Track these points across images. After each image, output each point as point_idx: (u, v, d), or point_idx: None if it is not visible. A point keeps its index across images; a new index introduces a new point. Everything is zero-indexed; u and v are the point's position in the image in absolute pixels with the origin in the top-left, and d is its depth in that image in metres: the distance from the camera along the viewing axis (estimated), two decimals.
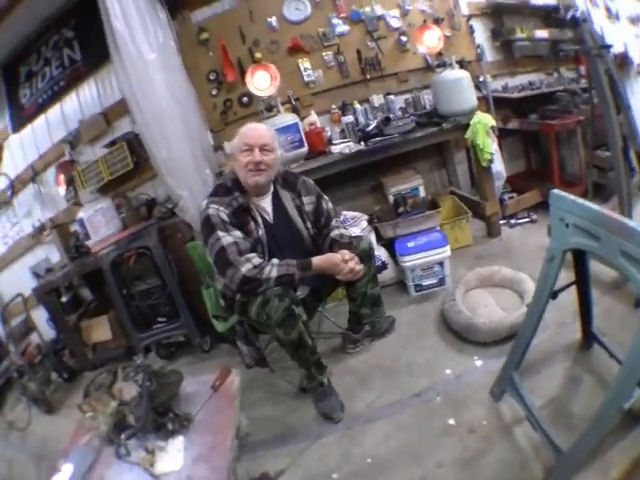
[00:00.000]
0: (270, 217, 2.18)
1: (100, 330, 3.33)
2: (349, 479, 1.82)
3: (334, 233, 2.22)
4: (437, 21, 3.72)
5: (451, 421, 1.96)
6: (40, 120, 3.81)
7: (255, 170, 2.06)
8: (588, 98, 3.06)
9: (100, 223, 3.25)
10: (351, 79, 3.74)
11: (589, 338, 2.15)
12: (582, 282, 1.98)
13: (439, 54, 3.52)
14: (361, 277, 2.17)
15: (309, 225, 2.24)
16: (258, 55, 3.48)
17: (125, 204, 3.50)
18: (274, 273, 1.93)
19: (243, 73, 3.42)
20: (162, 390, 1.43)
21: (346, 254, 2.07)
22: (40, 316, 3.47)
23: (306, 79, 3.65)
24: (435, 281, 3.01)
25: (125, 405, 1.46)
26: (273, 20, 3.56)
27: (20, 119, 3.89)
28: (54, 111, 3.78)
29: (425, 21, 3.69)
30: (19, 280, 3.73)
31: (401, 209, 3.30)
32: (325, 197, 2.33)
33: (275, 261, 1.99)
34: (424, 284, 3.01)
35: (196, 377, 1.67)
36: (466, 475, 1.70)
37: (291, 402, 2.31)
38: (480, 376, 2.16)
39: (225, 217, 2.02)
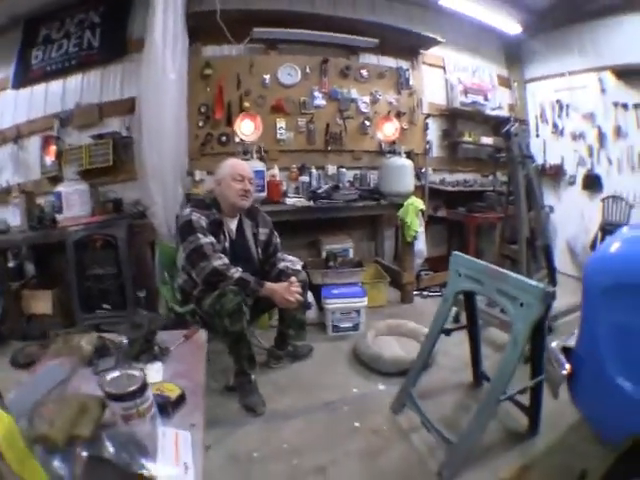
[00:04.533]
0: (233, 235, 2.65)
1: (41, 303, 3.48)
2: (268, 458, 2.11)
3: (282, 265, 2.71)
4: (399, 114, 4.46)
5: (357, 424, 2.35)
6: (41, 87, 3.96)
7: (244, 196, 2.57)
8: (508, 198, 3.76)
9: (75, 202, 3.48)
10: (315, 147, 4.30)
11: (479, 377, 2.71)
12: (472, 325, 2.58)
13: (393, 142, 4.20)
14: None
15: (259, 251, 2.72)
16: (246, 104, 3.91)
17: (94, 195, 3.74)
18: (237, 275, 2.37)
19: (229, 115, 3.95)
20: (152, 322, 1.71)
21: (294, 281, 2.54)
22: None
23: (278, 137, 4.15)
24: (351, 325, 3.49)
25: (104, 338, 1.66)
26: (267, 78, 4.06)
27: (24, 78, 3.97)
28: (57, 84, 3.94)
29: (389, 112, 4.42)
30: None
31: (331, 263, 3.82)
32: (275, 233, 2.84)
33: (239, 268, 2.43)
34: (341, 326, 3.48)
35: (169, 331, 1.88)
36: (370, 464, 2.06)
37: (217, 397, 2.57)
38: (383, 397, 2.60)
39: (204, 224, 2.47)
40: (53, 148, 3.81)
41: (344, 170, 4.39)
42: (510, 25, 4.84)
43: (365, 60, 4.51)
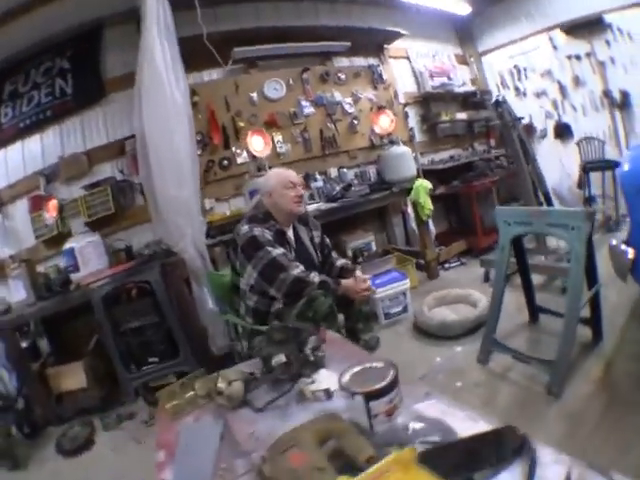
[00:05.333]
0: (293, 243, 2.54)
1: (72, 378, 3.06)
2: None
3: (340, 262, 2.65)
4: (380, 108, 4.58)
5: (458, 384, 2.44)
6: (16, 146, 3.69)
7: (299, 202, 2.48)
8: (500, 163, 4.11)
9: (91, 255, 3.20)
10: (313, 154, 4.37)
11: (535, 312, 2.99)
12: (523, 269, 2.86)
13: (389, 134, 4.37)
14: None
15: (319, 254, 2.65)
16: (241, 124, 3.92)
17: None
18: (317, 279, 2.27)
19: (226, 138, 3.89)
20: (298, 332, 1.57)
21: (364, 276, 2.49)
22: None
23: (278, 150, 4.15)
24: (400, 309, 3.55)
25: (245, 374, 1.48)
26: (254, 95, 4.07)
27: None
28: (34, 140, 3.69)
29: (372, 108, 4.58)
30: None
31: (360, 259, 3.88)
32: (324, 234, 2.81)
33: (315, 272, 2.34)
34: (392, 312, 3.52)
35: None
36: (491, 410, 2.13)
37: None
38: (464, 356, 2.74)
39: (269, 237, 2.35)
40: (53, 203, 3.49)
41: (345, 170, 4.46)
42: (460, 6, 5.18)
43: (339, 64, 4.68)
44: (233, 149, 3.92)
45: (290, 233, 2.55)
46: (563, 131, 5.32)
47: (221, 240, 3.40)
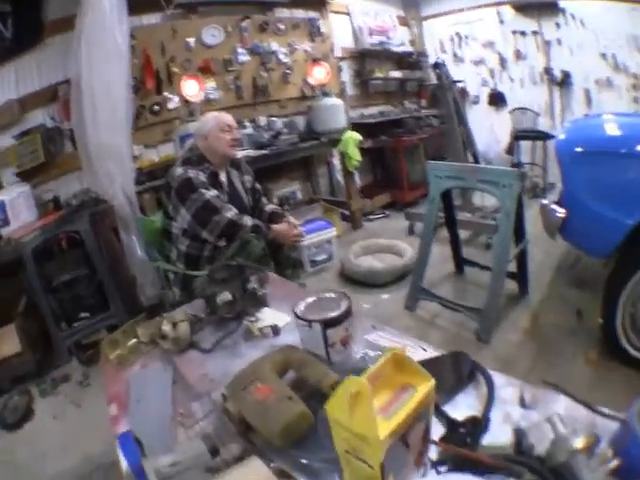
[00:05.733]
0: (226, 186, 2.58)
1: (7, 343, 2.76)
2: None
3: (269, 207, 2.72)
4: (315, 60, 4.59)
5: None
6: None
7: (235, 145, 2.54)
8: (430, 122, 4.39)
9: (22, 207, 3.02)
10: (244, 101, 4.39)
11: (460, 264, 3.23)
12: (451, 221, 3.04)
13: (314, 87, 4.52)
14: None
15: (250, 199, 2.70)
16: (175, 69, 3.84)
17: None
18: (250, 222, 2.34)
19: (159, 83, 3.80)
20: (240, 271, 1.57)
21: (295, 221, 2.60)
22: None
23: (210, 96, 4.12)
24: (326, 256, 3.68)
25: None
26: (192, 41, 3.99)
27: None
28: None
29: (306, 60, 4.62)
30: None
31: (286, 207, 4.00)
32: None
33: (248, 216, 2.41)
34: (318, 259, 3.65)
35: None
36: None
37: None
38: (391, 303, 2.92)
39: (203, 179, 2.37)
40: None
41: (275, 119, 4.50)
42: None
43: (280, 14, 4.64)
44: (165, 94, 3.84)
45: (223, 177, 2.56)
46: (497, 99, 5.63)
47: (150, 186, 3.39)
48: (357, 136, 4.26)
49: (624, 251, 2.03)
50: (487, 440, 0.79)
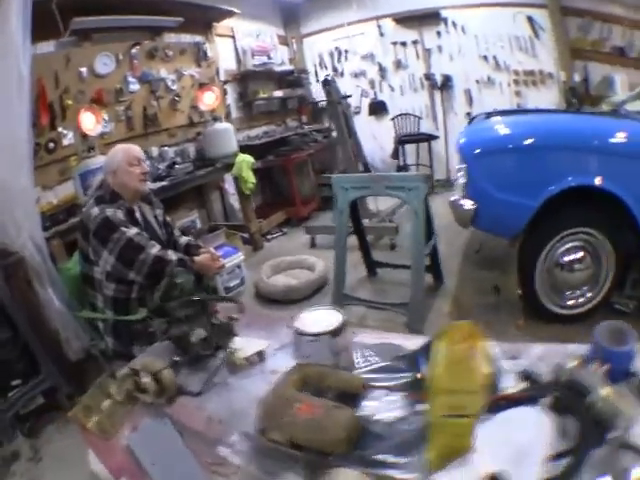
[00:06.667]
0: (142, 222, 2.48)
1: None
2: None
3: (183, 239, 2.68)
4: (202, 85, 4.72)
5: None
6: None
7: (144, 180, 2.43)
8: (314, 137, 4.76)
9: None
10: (136, 132, 4.27)
11: (372, 267, 3.51)
12: (359, 229, 3.31)
13: (202, 113, 4.66)
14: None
15: (163, 232, 2.62)
16: (69, 102, 3.62)
17: None
18: (174, 256, 2.22)
19: (53, 118, 3.55)
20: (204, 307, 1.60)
21: (214, 251, 2.60)
22: None
23: (102, 129, 3.85)
24: (238, 281, 3.67)
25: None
26: (84, 70, 3.80)
27: None
28: None
29: (193, 85, 4.70)
30: None
31: (190, 237, 3.85)
32: None
33: (171, 250, 2.31)
34: (231, 285, 3.61)
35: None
36: None
37: None
38: None
39: (122, 217, 2.22)
40: None
41: (166, 148, 4.49)
42: None
43: (168, 40, 4.63)
44: (59, 129, 3.60)
45: (138, 213, 2.46)
46: (378, 108, 6.14)
47: (57, 231, 3.17)
48: (250, 158, 4.41)
49: (531, 229, 2.44)
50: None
